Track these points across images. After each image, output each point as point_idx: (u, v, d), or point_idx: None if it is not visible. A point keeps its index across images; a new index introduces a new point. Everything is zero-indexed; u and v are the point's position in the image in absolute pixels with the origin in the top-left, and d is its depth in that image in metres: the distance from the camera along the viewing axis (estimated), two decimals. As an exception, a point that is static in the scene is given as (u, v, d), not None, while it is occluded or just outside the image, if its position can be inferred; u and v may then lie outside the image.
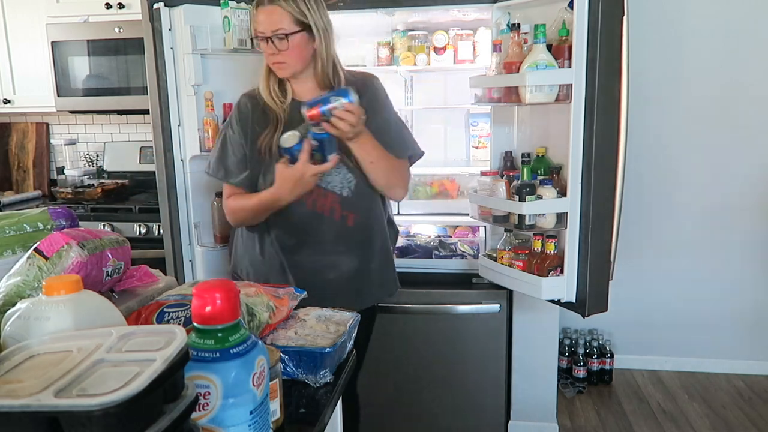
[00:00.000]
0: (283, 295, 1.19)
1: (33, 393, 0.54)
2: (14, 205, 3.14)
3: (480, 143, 2.69)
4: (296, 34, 1.57)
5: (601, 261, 1.93)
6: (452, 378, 2.43)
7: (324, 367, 1.05)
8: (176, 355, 0.60)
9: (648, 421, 2.74)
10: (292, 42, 1.57)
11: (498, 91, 2.03)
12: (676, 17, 2.91)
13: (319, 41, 1.60)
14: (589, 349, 3.08)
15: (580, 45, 1.81)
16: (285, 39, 1.56)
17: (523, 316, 2.48)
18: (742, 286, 3.07)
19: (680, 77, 2.95)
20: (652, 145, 3.01)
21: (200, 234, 2.19)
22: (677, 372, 3.18)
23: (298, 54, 1.60)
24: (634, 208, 2.98)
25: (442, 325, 2.39)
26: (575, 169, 1.89)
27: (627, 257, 2.97)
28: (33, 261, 0.94)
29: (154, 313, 1.00)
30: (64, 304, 0.73)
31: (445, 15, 2.39)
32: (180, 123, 2.12)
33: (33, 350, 0.66)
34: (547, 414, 2.57)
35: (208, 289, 0.71)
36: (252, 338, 0.74)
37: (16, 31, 3.00)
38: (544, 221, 1.99)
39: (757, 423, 2.69)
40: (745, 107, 2.94)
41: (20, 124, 3.47)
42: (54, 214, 1.15)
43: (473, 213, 2.22)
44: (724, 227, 3.04)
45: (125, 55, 2.79)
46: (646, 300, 3.16)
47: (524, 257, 2.07)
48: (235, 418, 0.71)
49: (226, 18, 2.05)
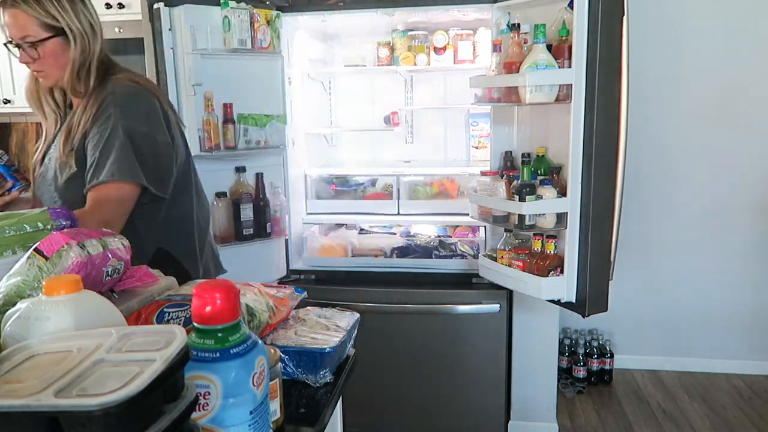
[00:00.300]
0: (283, 296, 1.19)
1: (33, 393, 0.54)
2: (14, 205, 3.13)
3: (480, 143, 2.69)
4: (47, 41, 1.39)
5: (601, 261, 1.93)
6: (452, 378, 2.43)
7: (324, 367, 1.05)
8: (176, 355, 0.60)
9: (648, 421, 2.74)
10: (45, 49, 1.40)
11: (498, 91, 2.03)
12: (676, 17, 2.91)
13: (73, 46, 1.41)
14: (589, 349, 3.08)
15: (580, 45, 1.81)
16: (34, 47, 1.39)
17: (523, 316, 2.48)
18: (742, 286, 3.07)
19: (680, 77, 2.95)
20: (652, 145, 3.01)
21: (200, 234, 2.19)
22: (677, 372, 3.18)
23: (54, 62, 1.42)
24: (634, 208, 2.99)
25: (442, 325, 2.39)
26: (575, 169, 1.89)
27: (627, 257, 2.97)
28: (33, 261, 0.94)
29: (154, 313, 1.00)
30: (64, 304, 0.73)
31: (445, 15, 2.39)
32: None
33: (33, 350, 0.66)
34: (547, 414, 2.57)
35: (208, 289, 0.71)
36: (252, 338, 0.74)
37: (16, 31, 3.01)
38: (544, 221, 1.99)
39: (757, 423, 2.69)
40: (745, 107, 2.93)
41: (20, 124, 3.47)
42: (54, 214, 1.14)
43: (473, 213, 2.22)
44: (724, 227, 3.04)
45: (125, 55, 2.79)
46: (646, 300, 3.16)
47: (524, 257, 2.07)
48: (235, 418, 0.71)
49: (226, 18, 2.05)
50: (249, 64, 2.22)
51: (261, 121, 2.21)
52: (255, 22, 2.11)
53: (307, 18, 2.41)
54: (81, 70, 1.43)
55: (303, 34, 2.56)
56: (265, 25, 2.14)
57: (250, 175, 2.25)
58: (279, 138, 2.28)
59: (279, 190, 2.32)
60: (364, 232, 2.72)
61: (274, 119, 2.25)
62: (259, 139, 2.22)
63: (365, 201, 2.60)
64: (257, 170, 2.25)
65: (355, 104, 2.91)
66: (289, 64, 2.40)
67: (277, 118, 2.27)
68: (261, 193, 2.24)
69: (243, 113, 2.19)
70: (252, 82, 2.24)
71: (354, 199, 2.62)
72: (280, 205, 2.31)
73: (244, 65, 2.21)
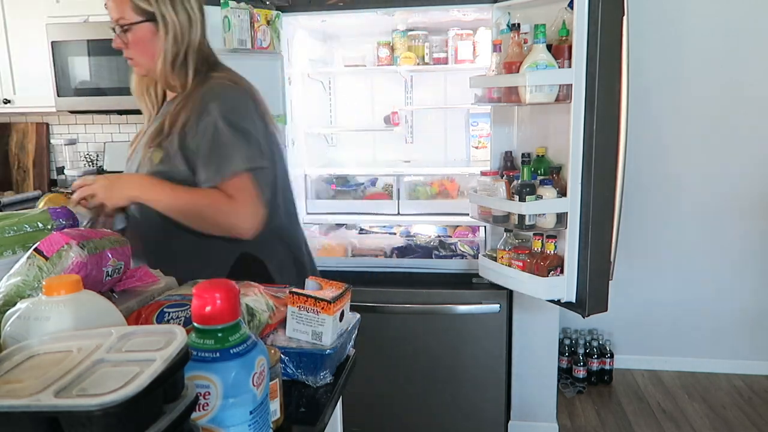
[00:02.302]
0: (283, 296, 1.19)
1: (33, 393, 0.54)
2: (14, 205, 3.14)
3: (480, 143, 2.69)
4: (137, 25, 1.35)
5: (601, 261, 1.93)
6: (452, 378, 2.43)
7: (324, 368, 1.05)
8: (176, 355, 0.60)
9: (648, 421, 2.74)
10: (135, 34, 1.35)
11: (498, 91, 2.03)
12: (676, 17, 2.91)
13: (164, 35, 1.35)
14: (589, 349, 3.08)
15: (580, 45, 1.81)
16: (125, 31, 1.34)
17: (523, 316, 2.48)
18: (742, 286, 3.07)
19: (680, 77, 2.95)
20: (652, 145, 3.01)
21: (200, 234, 2.19)
22: (677, 372, 3.18)
23: (142, 49, 1.37)
24: (634, 208, 2.99)
25: (442, 325, 2.39)
26: (575, 169, 1.89)
27: (627, 257, 2.97)
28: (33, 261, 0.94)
29: (154, 313, 1.00)
30: (64, 304, 0.73)
31: (445, 15, 2.39)
32: (180, 123, 2.12)
33: (33, 350, 0.66)
34: (547, 414, 2.57)
35: (208, 289, 0.71)
36: (252, 338, 0.74)
37: (16, 31, 3.01)
38: (544, 221, 1.99)
39: (757, 423, 2.69)
40: (745, 107, 2.93)
41: (20, 124, 3.47)
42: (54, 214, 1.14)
43: (473, 213, 2.22)
44: (725, 227, 3.04)
45: (125, 55, 2.79)
46: (646, 300, 3.16)
47: (524, 257, 2.07)
48: (235, 418, 0.71)
49: (226, 18, 2.05)
50: (249, 64, 2.21)
51: (261, 121, 2.21)
52: (255, 22, 2.11)
53: (307, 18, 2.41)
54: (175, 62, 1.38)
55: (303, 34, 2.56)
56: (265, 25, 2.14)
57: (250, 175, 2.25)
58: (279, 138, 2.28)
59: (279, 190, 2.32)
60: (364, 232, 2.72)
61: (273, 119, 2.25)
62: (259, 139, 2.22)
63: (365, 201, 2.60)
64: (257, 170, 2.25)
65: (355, 104, 2.91)
66: (289, 64, 2.40)
67: (277, 118, 2.27)
68: (261, 193, 2.24)
69: (243, 113, 2.19)
70: (252, 82, 2.23)
71: (354, 199, 2.62)
72: (280, 205, 2.30)
73: (244, 65, 2.20)
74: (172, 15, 1.35)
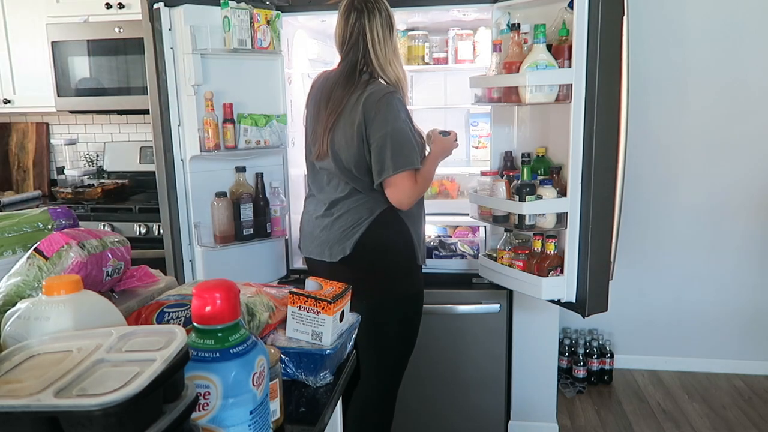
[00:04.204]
0: (282, 296, 1.19)
1: (33, 393, 0.54)
2: (14, 205, 3.14)
3: (480, 143, 2.69)
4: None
5: (601, 261, 1.93)
6: (452, 378, 2.43)
7: (324, 368, 1.05)
8: (176, 355, 0.60)
9: (648, 421, 2.74)
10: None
11: (498, 91, 2.03)
12: (676, 17, 2.91)
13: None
14: (589, 349, 3.08)
15: (580, 45, 1.81)
16: None
17: (523, 316, 2.48)
18: (741, 286, 3.07)
19: (680, 77, 2.95)
20: (652, 145, 3.01)
21: (200, 234, 2.19)
22: (677, 372, 3.18)
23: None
24: (634, 208, 2.99)
25: (442, 325, 2.39)
26: (575, 169, 1.89)
27: (627, 257, 2.98)
28: (33, 261, 0.94)
29: (154, 313, 1.00)
30: (64, 304, 0.73)
31: (445, 15, 2.39)
32: (180, 123, 2.12)
33: (33, 350, 0.66)
34: (547, 414, 2.57)
35: (208, 289, 0.71)
36: (252, 338, 0.74)
37: (16, 31, 3.00)
38: (544, 221, 1.99)
39: (757, 423, 2.69)
40: (745, 107, 2.93)
41: (20, 124, 3.47)
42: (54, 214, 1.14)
43: (473, 213, 2.22)
44: (724, 227, 3.04)
45: (125, 55, 2.79)
46: (646, 300, 3.16)
47: (524, 257, 2.07)
48: (235, 418, 0.71)
49: (226, 18, 2.05)
50: (249, 64, 2.22)
51: (261, 121, 2.21)
52: (255, 22, 2.11)
53: (307, 18, 2.41)
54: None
55: (303, 34, 2.56)
56: (265, 25, 2.14)
57: (250, 175, 2.25)
58: (279, 138, 2.28)
59: (279, 190, 2.32)
60: (364, 232, 2.71)
61: (274, 119, 2.25)
62: (259, 139, 2.22)
63: (365, 201, 2.59)
64: (257, 170, 2.25)
65: (355, 104, 2.90)
66: (288, 64, 2.40)
67: (277, 118, 2.27)
68: (261, 193, 2.24)
69: (243, 113, 2.19)
70: (252, 82, 2.24)
71: (354, 199, 2.61)
72: (280, 205, 2.30)
73: (244, 65, 2.21)
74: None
